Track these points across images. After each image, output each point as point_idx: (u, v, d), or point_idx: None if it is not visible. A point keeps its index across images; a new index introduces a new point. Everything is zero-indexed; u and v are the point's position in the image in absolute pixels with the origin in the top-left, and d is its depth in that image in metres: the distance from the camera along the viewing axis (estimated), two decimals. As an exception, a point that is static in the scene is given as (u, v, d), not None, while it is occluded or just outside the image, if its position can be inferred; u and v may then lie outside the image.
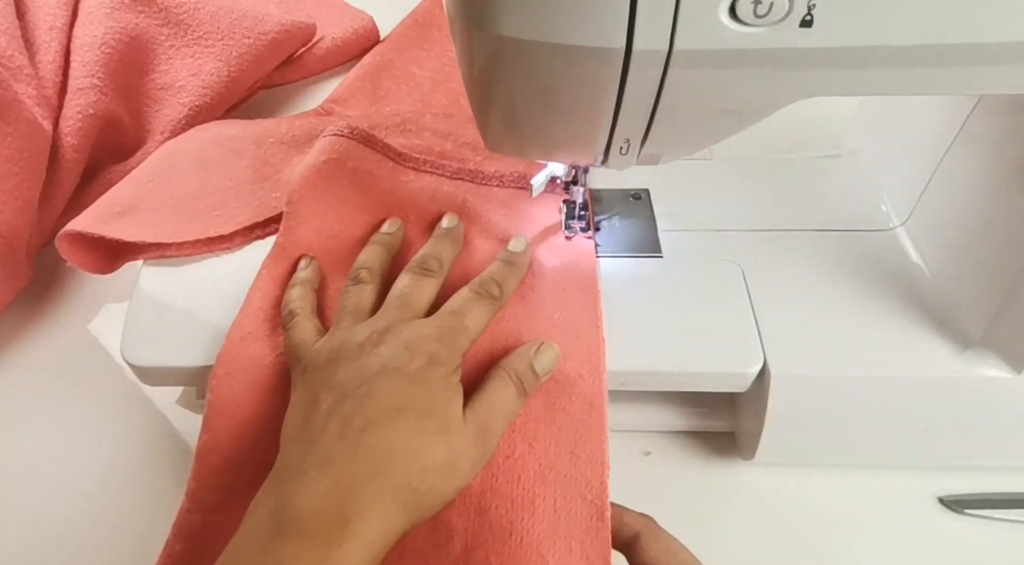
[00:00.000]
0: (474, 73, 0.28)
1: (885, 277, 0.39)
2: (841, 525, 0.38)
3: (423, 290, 0.36)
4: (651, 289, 0.39)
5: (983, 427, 0.37)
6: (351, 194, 0.42)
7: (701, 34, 0.23)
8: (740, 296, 0.38)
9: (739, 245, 0.41)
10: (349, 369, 0.31)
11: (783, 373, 0.35)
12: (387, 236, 0.40)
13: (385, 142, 0.45)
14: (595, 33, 0.24)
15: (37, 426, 0.45)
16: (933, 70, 0.25)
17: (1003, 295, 0.34)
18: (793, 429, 0.37)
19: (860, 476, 0.40)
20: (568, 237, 0.41)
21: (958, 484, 0.39)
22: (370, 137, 0.44)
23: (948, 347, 0.36)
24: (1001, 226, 0.35)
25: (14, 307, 0.51)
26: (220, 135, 0.48)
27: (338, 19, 0.69)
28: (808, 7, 0.23)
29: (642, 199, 0.44)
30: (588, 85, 0.26)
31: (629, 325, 0.37)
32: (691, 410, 0.41)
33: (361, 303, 0.36)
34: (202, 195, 0.43)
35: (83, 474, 0.42)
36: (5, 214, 0.47)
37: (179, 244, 0.41)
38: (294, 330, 0.35)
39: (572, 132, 0.30)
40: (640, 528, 0.31)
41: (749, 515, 0.39)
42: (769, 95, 0.27)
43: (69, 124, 0.54)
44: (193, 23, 0.60)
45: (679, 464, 0.41)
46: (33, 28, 0.57)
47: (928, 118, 0.40)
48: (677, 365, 0.36)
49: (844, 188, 0.46)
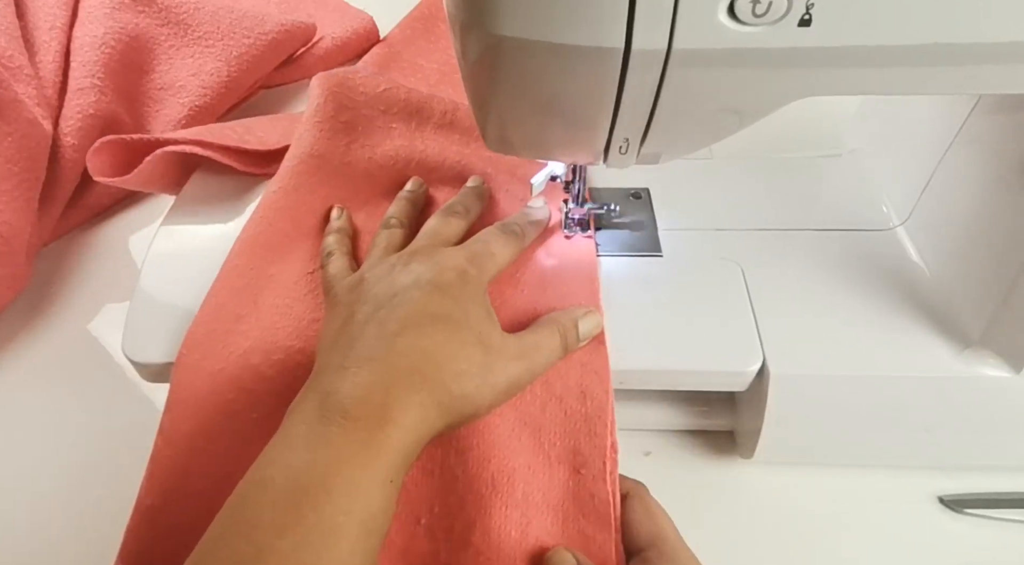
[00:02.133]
0: (474, 72, 0.28)
1: (885, 277, 0.39)
2: (840, 524, 0.38)
3: (451, 226, 0.37)
4: (651, 288, 0.39)
5: (982, 426, 0.37)
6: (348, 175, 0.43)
7: (700, 33, 0.23)
8: (740, 295, 0.38)
9: (739, 244, 0.41)
10: (381, 284, 0.32)
11: (782, 372, 0.35)
12: (411, 193, 0.42)
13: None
14: (594, 32, 0.24)
15: (37, 426, 0.45)
16: (932, 70, 0.25)
17: (1003, 294, 0.34)
18: (792, 428, 0.37)
19: (859, 475, 0.40)
20: (568, 236, 0.41)
21: (958, 484, 0.39)
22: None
23: (948, 346, 0.36)
24: (1001, 226, 0.35)
25: (14, 307, 0.51)
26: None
27: (338, 19, 0.69)
28: (806, 6, 0.23)
29: (642, 198, 0.44)
30: (587, 84, 0.26)
31: (629, 324, 0.37)
32: (691, 409, 0.41)
33: (393, 241, 0.38)
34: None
35: (83, 473, 0.42)
36: (5, 214, 0.47)
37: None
38: (331, 265, 0.37)
39: (571, 131, 0.30)
40: (630, 489, 0.33)
41: (748, 514, 0.39)
42: (768, 94, 0.27)
43: (69, 124, 0.54)
44: (193, 23, 0.60)
45: (678, 463, 0.41)
46: (33, 28, 0.57)
47: (928, 118, 0.40)
48: (676, 364, 0.36)
49: (844, 188, 0.46)
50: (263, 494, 0.26)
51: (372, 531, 0.26)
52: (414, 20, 0.66)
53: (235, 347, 0.36)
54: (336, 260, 0.37)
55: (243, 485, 0.27)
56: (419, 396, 0.28)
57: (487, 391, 0.30)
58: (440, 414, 0.29)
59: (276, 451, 0.27)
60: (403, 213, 0.40)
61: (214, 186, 0.47)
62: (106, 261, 0.55)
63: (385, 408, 0.27)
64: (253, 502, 0.26)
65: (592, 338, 0.35)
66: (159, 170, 0.47)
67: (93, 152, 0.45)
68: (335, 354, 0.30)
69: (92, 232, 0.57)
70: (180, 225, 0.44)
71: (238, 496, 0.26)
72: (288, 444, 0.27)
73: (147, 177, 0.46)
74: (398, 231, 0.38)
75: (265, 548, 0.24)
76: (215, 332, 0.37)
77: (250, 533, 0.25)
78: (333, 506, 0.25)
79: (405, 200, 0.41)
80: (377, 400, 0.28)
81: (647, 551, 0.31)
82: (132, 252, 0.55)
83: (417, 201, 0.41)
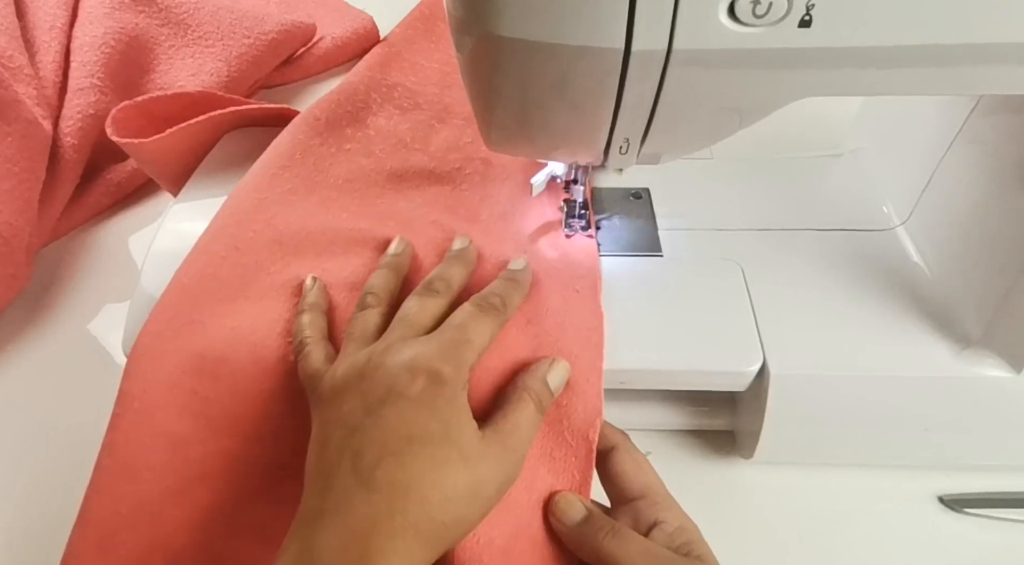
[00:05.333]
0: (474, 73, 0.28)
1: (885, 276, 0.39)
2: (840, 524, 0.38)
3: (426, 309, 0.34)
4: (651, 288, 0.39)
5: (982, 426, 0.37)
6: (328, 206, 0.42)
7: (700, 34, 0.23)
8: (740, 295, 0.38)
9: (739, 244, 0.41)
10: (353, 400, 0.30)
11: (782, 372, 0.35)
12: (394, 258, 0.38)
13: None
14: (594, 33, 0.24)
15: (37, 426, 0.45)
16: (931, 70, 0.25)
17: (1003, 294, 0.34)
18: (792, 428, 0.37)
19: (860, 475, 0.40)
20: (568, 236, 0.41)
21: (958, 483, 0.39)
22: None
23: (948, 346, 0.36)
24: (1001, 226, 0.35)
25: (14, 307, 0.51)
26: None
27: (338, 19, 0.69)
28: (807, 7, 0.23)
29: (642, 198, 0.44)
30: (587, 85, 0.26)
31: (629, 324, 0.37)
32: (691, 409, 0.41)
33: (368, 328, 0.34)
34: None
35: (83, 473, 0.42)
36: (5, 214, 0.47)
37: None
38: (305, 360, 0.34)
39: (571, 132, 0.30)
40: (618, 442, 0.33)
41: (748, 514, 0.39)
42: (768, 95, 0.27)
43: (69, 124, 0.54)
44: (193, 23, 0.61)
45: (679, 463, 0.41)
46: (33, 28, 0.57)
47: (928, 118, 0.40)
48: (677, 364, 0.36)
49: (845, 188, 0.46)
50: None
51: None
52: (414, 20, 0.66)
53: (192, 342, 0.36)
54: (311, 353, 0.34)
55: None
56: (402, 542, 0.26)
57: (478, 505, 0.29)
58: (430, 550, 0.27)
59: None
60: (382, 288, 0.37)
61: (215, 187, 0.47)
62: (106, 261, 0.55)
63: (365, 561, 0.26)
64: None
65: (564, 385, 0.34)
66: (187, 139, 0.48)
67: (119, 112, 0.47)
68: (314, 494, 0.29)
69: (92, 232, 0.57)
70: (180, 225, 0.44)
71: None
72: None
73: (167, 145, 0.47)
74: (374, 314, 0.35)
75: None
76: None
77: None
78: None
79: (387, 268, 0.38)
80: (356, 553, 0.26)
81: (638, 501, 0.31)
82: (132, 252, 0.55)
83: (400, 269, 0.38)
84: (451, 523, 0.27)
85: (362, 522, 0.26)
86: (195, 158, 0.49)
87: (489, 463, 0.29)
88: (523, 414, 0.31)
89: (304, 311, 0.36)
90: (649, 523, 0.30)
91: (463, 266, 0.37)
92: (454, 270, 0.37)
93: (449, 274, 0.36)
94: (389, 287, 0.37)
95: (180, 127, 0.47)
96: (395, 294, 0.37)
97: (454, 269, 0.37)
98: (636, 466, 0.32)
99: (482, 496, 0.28)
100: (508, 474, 0.30)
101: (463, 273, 0.37)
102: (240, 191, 0.42)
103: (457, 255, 0.38)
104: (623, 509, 0.32)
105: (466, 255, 0.38)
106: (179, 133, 0.47)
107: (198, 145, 0.49)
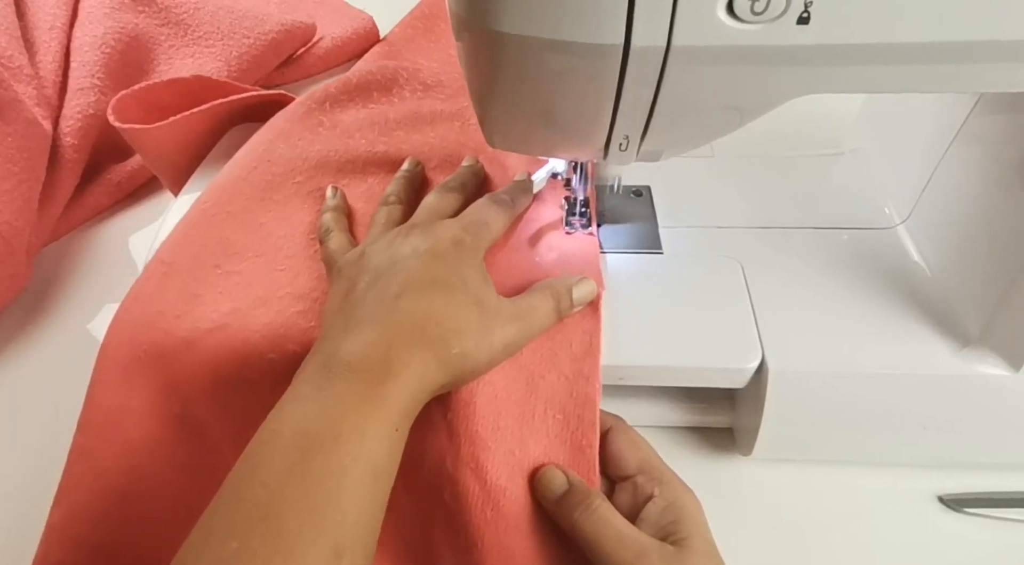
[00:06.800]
0: (474, 70, 0.28)
1: (885, 275, 0.39)
2: (839, 522, 0.38)
3: (447, 201, 0.39)
4: (651, 285, 0.39)
5: (982, 425, 0.37)
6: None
7: (699, 31, 0.23)
8: (740, 293, 0.38)
9: (739, 242, 0.41)
10: (382, 256, 0.34)
11: (781, 369, 0.35)
12: (408, 172, 0.43)
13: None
14: (594, 29, 0.24)
15: (37, 426, 0.45)
16: (931, 68, 0.25)
17: (1002, 293, 0.34)
18: (791, 425, 0.37)
19: (859, 473, 0.40)
20: (569, 233, 0.41)
21: (958, 482, 0.39)
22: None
23: (947, 344, 0.36)
24: (1001, 225, 0.35)
25: (14, 307, 0.51)
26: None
27: (338, 19, 0.69)
28: (805, 4, 0.23)
29: (643, 196, 0.45)
30: (587, 81, 0.26)
31: (629, 321, 0.37)
32: (690, 406, 0.42)
33: (392, 216, 0.39)
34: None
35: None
36: (5, 214, 0.47)
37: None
38: (330, 241, 0.38)
39: (571, 129, 0.30)
40: (611, 424, 0.34)
41: (747, 511, 0.39)
42: (767, 92, 0.27)
43: (69, 124, 0.54)
44: (193, 23, 0.61)
45: (677, 459, 0.40)
46: (33, 28, 0.57)
47: (928, 117, 0.40)
48: (676, 360, 0.36)
49: (845, 186, 0.46)
50: (273, 443, 0.27)
51: (379, 478, 0.27)
52: (414, 19, 0.66)
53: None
54: (335, 236, 0.38)
55: (254, 441, 0.28)
56: (420, 352, 0.29)
57: (485, 350, 0.31)
58: (440, 369, 0.30)
59: (284, 407, 0.29)
60: (401, 191, 0.41)
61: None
62: (106, 261, 0.55)
63: (387, 362, 0.29)
64: (264, 452, 0.27)
65: (587, 304, 0.36)
66: (189, 128, 0.49)
67: (118, 102, 0.47)
68: (339, 320, 0.32)
69: (92, 232, 0.57)
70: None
71: (251, 450, 0.28)
72: (295, 400, 0.29)
73: (168, 134, 0.48)
74: (397, 207, 0.39)
75: (277, 490, 0.25)
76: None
77: (263, 478, 0.26)
78: (340, 451, 0.26)
79: (403, 179, 0.42)
80: (379, 355, 0.29)
81: (636, 477, 0.32)
82: (132, 252, 0.55)
83: (414, 179, 0.43)
84: (460, 353, 0.30)
85: (385, 334, 0.30)
86: (196, 150, 0.49)
87: (500, 320, 0.32)
88: (541, 303, 0.34)
89: (328, 211, 0.41)
90: (645, 497, 0.31)
91: (473, 174, 0.42)
92: (465, 174, 0.42)
93: (462, 176, 0.41)
94: (407, 192, 0.41)
95: (183, 115, 0.47)
96: (413, 199, 0.41)
97: (465, 174, 0.42)
98: (631, 444, 0.34)
99: (488, 342, 0.31)
100: (515, 338, 0.33)
101: (474, 180, 0.42)
102: (272, 122, 0.47)
103: (467, 167, 0.42)
104: (623, 485, 0.33)
105: (475, 167, 0.42)
106: (181, 121, 0.47)
107: (199, 136, 0.49)
